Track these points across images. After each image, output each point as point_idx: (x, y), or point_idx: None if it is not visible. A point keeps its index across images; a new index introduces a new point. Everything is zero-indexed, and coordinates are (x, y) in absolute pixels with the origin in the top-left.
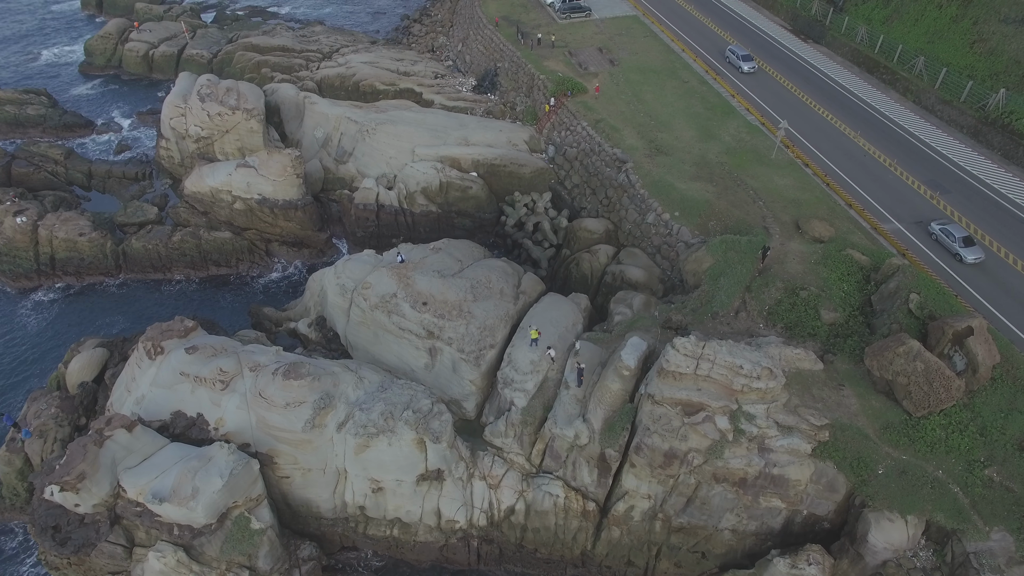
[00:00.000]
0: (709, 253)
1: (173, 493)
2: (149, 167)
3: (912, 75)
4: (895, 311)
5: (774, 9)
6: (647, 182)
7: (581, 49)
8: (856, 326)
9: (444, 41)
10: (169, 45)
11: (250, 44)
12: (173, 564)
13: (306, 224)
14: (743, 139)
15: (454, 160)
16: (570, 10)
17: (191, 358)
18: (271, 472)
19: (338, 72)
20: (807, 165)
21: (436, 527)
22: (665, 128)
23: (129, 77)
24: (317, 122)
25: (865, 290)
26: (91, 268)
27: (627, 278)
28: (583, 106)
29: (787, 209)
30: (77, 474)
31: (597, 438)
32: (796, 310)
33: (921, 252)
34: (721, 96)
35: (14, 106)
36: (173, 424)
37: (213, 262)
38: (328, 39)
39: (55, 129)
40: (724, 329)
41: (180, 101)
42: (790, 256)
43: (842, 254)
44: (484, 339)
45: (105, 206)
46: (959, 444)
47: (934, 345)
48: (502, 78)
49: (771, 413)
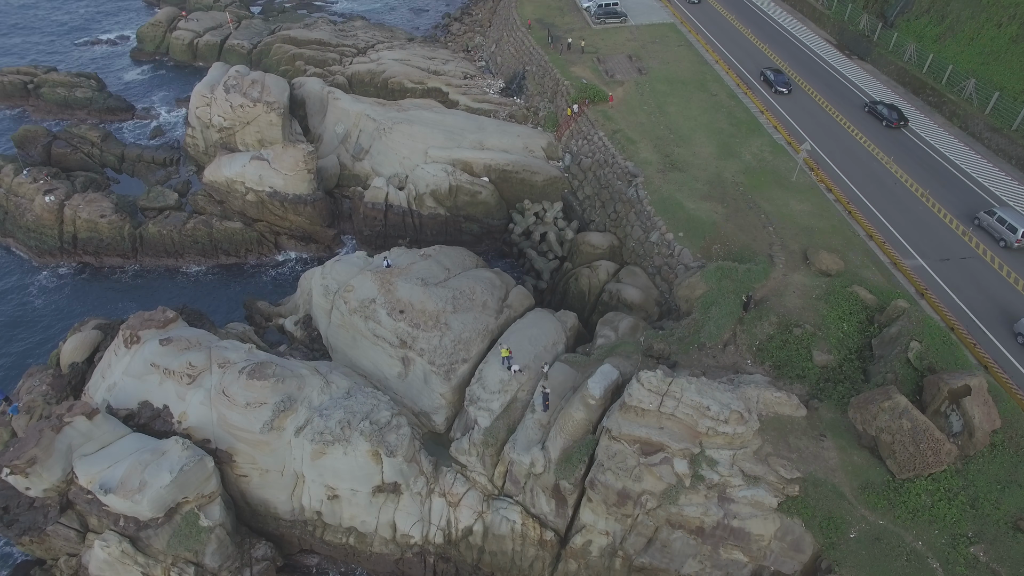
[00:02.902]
0: (703, 280)
1: (120, 484)
2: (178, 154)
3: (961, 98)
4: (892, 359)
5: (820, 22)
6: (655, 198)
7: (610, 56)
8: (850, 371)
9: (480, 41)
10: (213, 35)
11: (288, 37)
12: (117, 554)
13: (315, 219)
14: (764, 159)
15: (466, 164)
16: (605, 15)
17: (163, 350)
18: (230, 470)
19: (368, 68)
20: (830, 190)
21: (391, 540)
22: (684, 143)
23: (174, 64)
24: (338, 118)
25: (867, 332)
26: (109, 249)
27: (623, 298)
28: (602, 115)
29: (798, 237)
30: (27, 458)
31: (553, 468)
32: (787, 348)
33: (942, 293)
34: (749, 112)
35: (65, 88)
36: (139, 414)
37: (223, 251)
38: (366, 34)
39: (99, 112)
40: (709, 362)
41: (207, 91)
42: (790, 289)
43: (847, 291)
44: (457, 352)
45: (132, 189)
46: (945, 514)
47: (929, 401)
48: (529, 82)
49: (737, 460)
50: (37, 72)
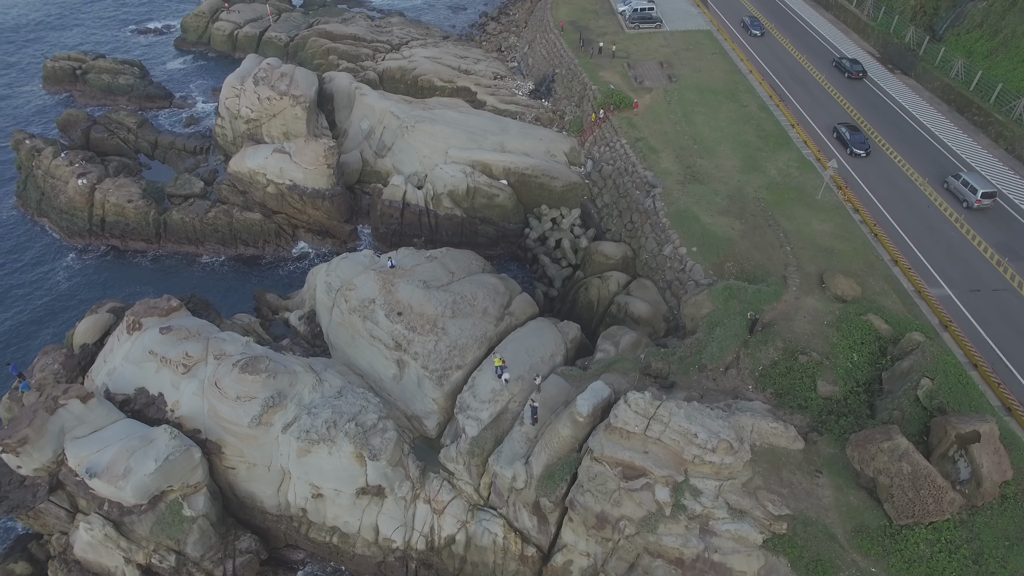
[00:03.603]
0: (710, 298)
1: (106, 469)
2: (208, 143)
3: (1009, 119)
4: (901, 396)
5: (864, 33)
6: (672, 210)
7: (641, 62)
8: (856, 405)
9: (514, 42)
10: (253, 26)
11: (323, 31)
12: (101, 537)
13: (333, 214)
14: (790, 174)
15: (485, 166)
16: (640, 20)
17: (162, 338)
18: (218, 461)
19: (400, 65)
20: (857, 210)
21: (374, 543)
22: (707, 154)
23: (215, 55)
24: (364, 114)
25: (878, 364)
26: (134, 234)
27: (631, 311)
28: (626, 122)
29: (816, 258)
30: (19, 438)
31: (534, 484)
32: (791, 376)
33: (968, 326)
34: (779, 125)
35: (109, 75)
36: (135, 400)
37: (242, 241)
38: (401, 31)
39: (139, 99)
40: (709, 385)
41: (237, 82)
42: (801, 313)
43: (861, 319)
44: (452, 358)
45: (162, 176)
46: (944, 568)
47: (936, 444)
48: (558, 85)
49: (723, 492)
50: (86, 58)
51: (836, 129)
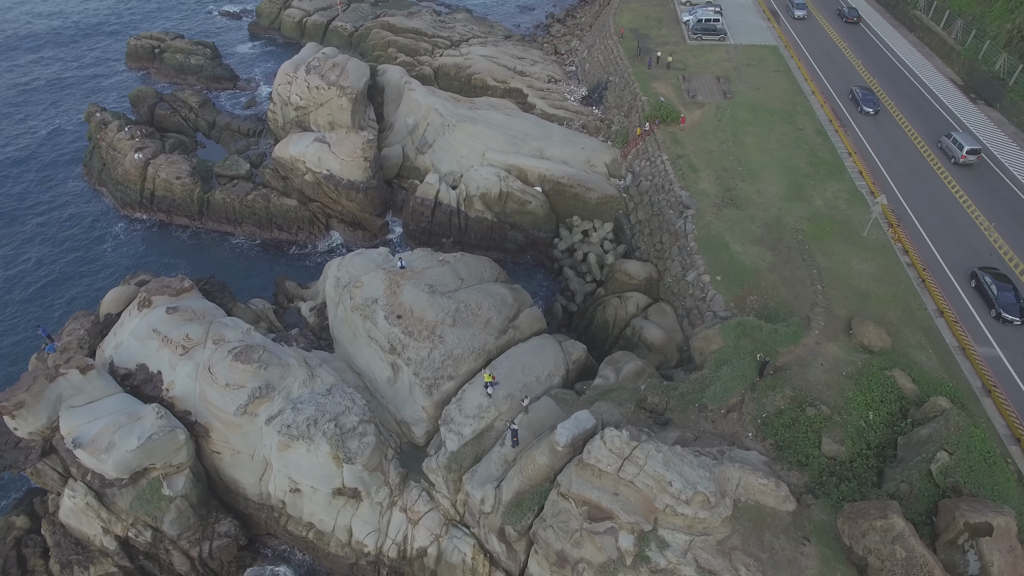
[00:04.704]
0: (720, 334)
1: (91, 441)
2: (262, 126)
3: None
4: (912, 467)
5: (948, 58)
6: (701, 235)
7: (697, 75)
8: (862, 469)
9: (575, 45)
10: (322, 15)
11: (386, 23)
12: (82, 505)
13: (366, 207)
14: (837, 206)
15: (521, 171)
16: (703, 31)
17: (168, 318)
18: (205, 444)
19: (456, 62)
20: (906, 251)
21: (347, 544)
22: (751, 177)
23: (284, 41)
24: (410, 108)
25: (896, 427)
26: (179, 209)
27: (644, 336)
28: (671, 137)
29: (848, 301)
30: (15, 402)
31: (501, 510)
32: (795, 428)
33: (1017, 393)
34: (835, 152)
35: (183, 55)
36: (135, 375)
37: (277, 226)
38: (464, 28)
39: (206, 79)
40: (706, 427)
41: (291, 69)
42: (819, 360)
43: (884, 373)
44: (445, 368)
45: (215, 155)
46: None
47: (943, 529)
48: (610, 93)
49: (694, 548)
50: (165, 38)
51: None
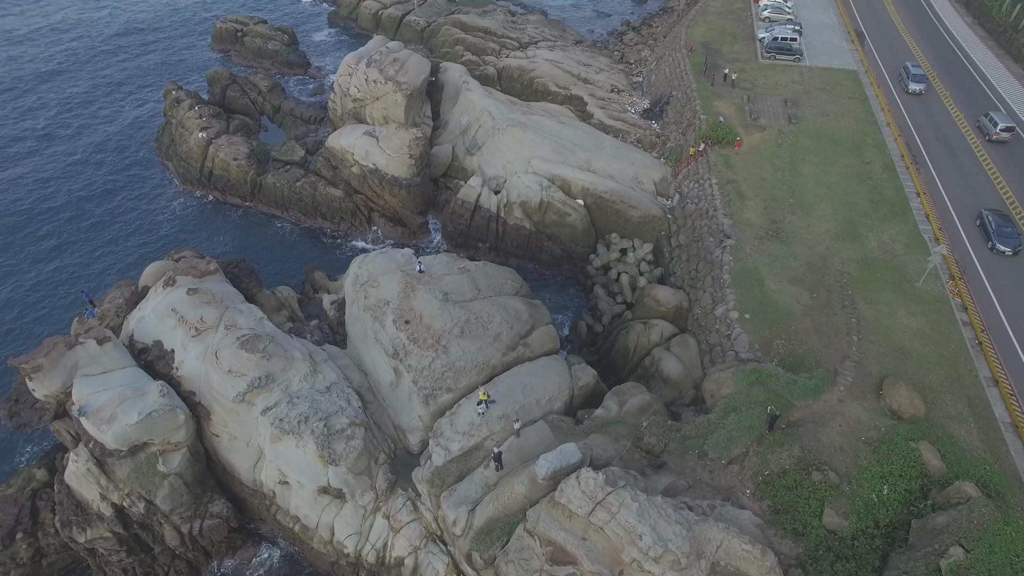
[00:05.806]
0: (733, 379)
1: (95, 411)
2: (323, 114)
3: None
4: (920, 558)
5: None
6: (737, 268)
7: (763, 96)
8: (865, 550)
9: (646, 56)
10: (397, 8)
11: (458, 20)
12: (84, 471)
13: (407, 204)
14: (893, 251)
15: (565, 182)
16: (777, 50)
17: (187, 299)
18: (206, 425)
19: (520, 64)
20: (965, 308)
21: (328, 542)
22: (802, 211)
23: (359, 32)
24: (465, 108)
25: (913, 508)
26: (233, 190)
27: (661, 369)
28: (723, 161)
29: (885, 358)
30: (34, 365)
31: (471, 535)
32: (797, 493)
33: None
34: (902, 190)
35: (262, 39)
36: (151, 351)
37: (321, 215)
38: (535, 30)
39: (280, 65)
40: (703, 476)
41: (354, 61)
42: (837, 420)
43: (909, 445)
44: (444, 380)
45: (276, 139)
46: None
47: None
48: (671, 108)
49: None
50: (248, 22)
51: (981, 215)
